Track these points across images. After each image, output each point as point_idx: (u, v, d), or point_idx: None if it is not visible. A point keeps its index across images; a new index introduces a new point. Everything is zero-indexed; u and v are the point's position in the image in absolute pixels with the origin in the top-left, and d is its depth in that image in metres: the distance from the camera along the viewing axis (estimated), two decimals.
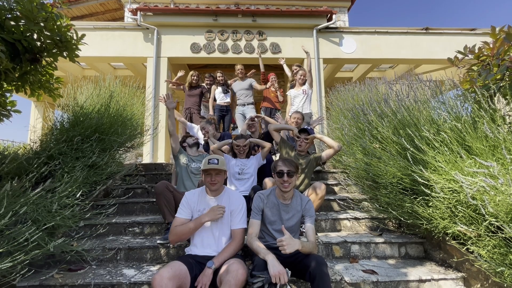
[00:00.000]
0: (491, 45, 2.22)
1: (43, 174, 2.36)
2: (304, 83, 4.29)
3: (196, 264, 1.66)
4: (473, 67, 2.41)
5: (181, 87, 4.94)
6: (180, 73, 4.95)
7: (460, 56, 2.39)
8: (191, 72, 4.91)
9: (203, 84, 5.11)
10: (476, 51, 2.30)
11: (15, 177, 2.12)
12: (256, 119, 3.76)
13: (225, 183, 2.69)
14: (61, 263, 2.00)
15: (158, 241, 2.19)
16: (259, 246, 1.66)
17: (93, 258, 2.09)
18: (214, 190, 1.86)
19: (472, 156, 1.79)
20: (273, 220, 1.88)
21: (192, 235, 1.82)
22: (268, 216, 1.88)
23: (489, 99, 1.92)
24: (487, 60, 2.25)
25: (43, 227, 1.79)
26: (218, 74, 4.96)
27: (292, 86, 4.49)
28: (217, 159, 1.83)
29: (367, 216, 2.65)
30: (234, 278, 1.46)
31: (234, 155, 3.01)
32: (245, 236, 1.87)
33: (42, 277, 1.80)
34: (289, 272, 1.49)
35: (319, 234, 2.47)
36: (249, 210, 2.02)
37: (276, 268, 1.45)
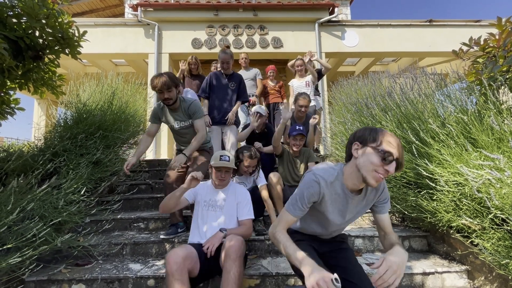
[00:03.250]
0: (497, 37, 2.18)
1: (48, 171, 2.39)
2: (305, 73, 4.21)
3: (202, 253, 1.63)
4: (478, 59, 2.38)
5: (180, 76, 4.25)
6: (182, 65, 4.31)
7: (465, 48, 2.35)
8: (188, 59, 4.20)
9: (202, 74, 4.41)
10: (482, 42, 2.27)
11: (21, 174, 2.15)
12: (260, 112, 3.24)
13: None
14: (68, 258, 2.03)
15: (162, 236, 2.21)
16: (289, 247, 1.08)
17: (100, 253, 2.12)
18: (222, 186, 1.92)
19: (477, 149, 1.78)
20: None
21: (180, 207, 1.91)
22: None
23: (495, 91, 1.90)
24: (493, 51, 2.22)
25: (50, 223, 1.81)
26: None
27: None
28: (229, 156, 1.87)
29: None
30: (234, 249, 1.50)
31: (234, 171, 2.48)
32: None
33: (50, 272, 1.83)
34: (338, 279, 0.92)
35: None
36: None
37: (315, 278, 0.91)
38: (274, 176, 2.49)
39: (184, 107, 2.31)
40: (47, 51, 2.35)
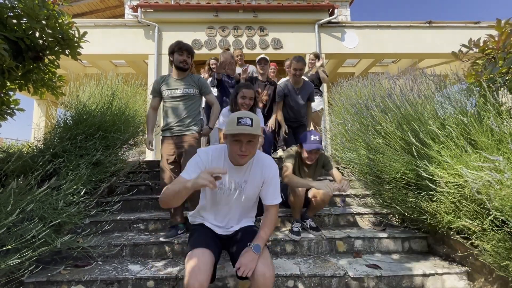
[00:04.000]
0: (496, 38, 2.18)
1: (48, 172, 2.38)
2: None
3: (215, 238, 1.42)
4: (477, 61, 2.38)
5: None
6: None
7: (464, 49, 2.36)
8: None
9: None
10: (481, 44, 2.27)
11: (20, 175, 2.14)
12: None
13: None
14: (67, 259, 2.02)
15: (161, 239, 2.20)
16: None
17: (99, 254, 2.11)
18: (244, 162, 1.36)
19: (477, 150, 1.78)
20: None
21: (187, 199, 1.57)
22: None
23: (495, 93, 1.90)
24: (493, 53, 2.22)
25: (50, 224, 1.81)
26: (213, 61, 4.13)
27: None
28: (251, 119, 1.26)
29: (370, 212, 2.65)
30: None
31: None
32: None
33: (50, 273, 1.83)
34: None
35: (322, 230, 2.47)
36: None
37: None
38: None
39: (194, 78, 2.46)
40: (47, 52, 2.35)
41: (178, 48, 2.33)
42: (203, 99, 3.20)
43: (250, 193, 1.45)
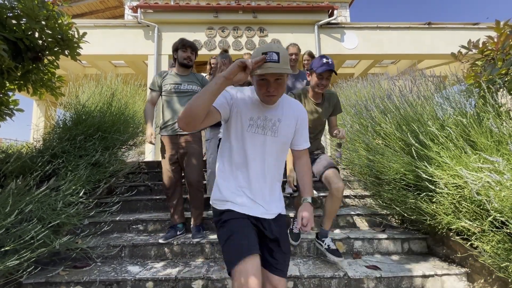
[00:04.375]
0: (495, 39, 2.19)
1: (47, 172, 2.38)
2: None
3: (253, 227, 1.16)
4: (477, 62, 2.39)
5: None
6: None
7: (463, 50, 2.36)
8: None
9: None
10: (480, 45, 2.28)
11: (19, 175, 2.13)
12: None
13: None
14: (66, 260, 2.02)
15: (160, 240, 2.20)
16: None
17: (98, 255, 2.11)
18: (272, 103, 1.18)
19: (476, 151, 1.78)
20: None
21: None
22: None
23: (494, 94, 1.91)
24: (492, 54, 2.23)
25: (48, 225, 1.80)
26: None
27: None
28: (278, 53, 1.05)
29: (370, 212, 2.65)
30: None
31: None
32: None
33: (48, 274, 1.82)
34: None
35: None
36: None
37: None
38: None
39: (197, 76, 2.49)
40: (47, 52, 2.35)
41: (182, 45, 2.35)
42: None
43: (285, 133, 1.22)
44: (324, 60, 1.90)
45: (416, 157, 2.02)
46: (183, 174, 2.43)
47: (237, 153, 1.18)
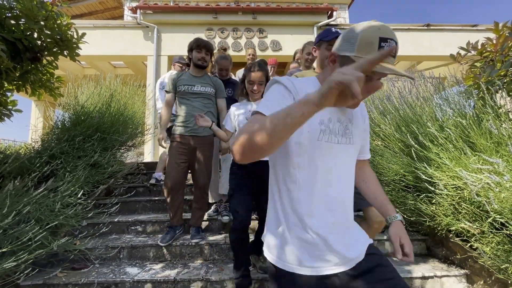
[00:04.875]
0: (494, 41, 2.20)
1: (45, 173, 2.37)
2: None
3: None
4: (476, 64, 2.39)
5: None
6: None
7: (462, 52, 2.37)
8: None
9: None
10: (479, 47, 2.28)
11: (17, 176, 2.12)
12: None
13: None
14: (64, 262, 2.00)
15: (159, 242, 2.18)
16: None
17: (96, 257, 2.09)
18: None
19: (476, 152, 1.78)
20: None
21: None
22: None
23: (493, 95, 1.91)
24: (491, 56, 2.23)
25: (46, 227, 1.79)
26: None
27: None
28: (396, 42, 0.81)
29: None
30: None
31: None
32: None
33: (46, 276, 1.80)
34: None
35: None
36: None
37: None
38: None
39: (212, 78, 2.44)
40: (46, 52, 2.34)
41: (197, 45, 2.31)
42: None
43: (358, 140, 0.89)
44: (333, 29, 1.60)
45: (415, 158, 2.02)
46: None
47: (307, 177, 0.80)
